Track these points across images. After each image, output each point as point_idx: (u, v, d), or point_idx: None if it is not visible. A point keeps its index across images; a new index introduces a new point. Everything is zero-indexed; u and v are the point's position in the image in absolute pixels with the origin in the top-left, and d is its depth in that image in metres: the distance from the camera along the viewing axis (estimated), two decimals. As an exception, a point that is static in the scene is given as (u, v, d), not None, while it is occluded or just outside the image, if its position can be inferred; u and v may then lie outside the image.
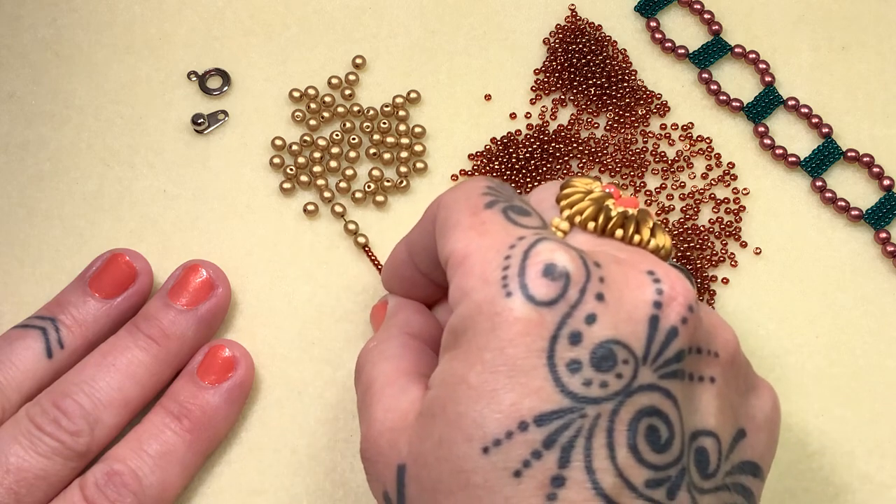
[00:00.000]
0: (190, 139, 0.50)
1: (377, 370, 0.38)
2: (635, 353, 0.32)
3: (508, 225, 0.35)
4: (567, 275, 0.33)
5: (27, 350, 0.43)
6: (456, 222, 0.35)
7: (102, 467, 0.41)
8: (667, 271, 0.34)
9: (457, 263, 0.34)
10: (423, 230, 0.39)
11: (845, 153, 0.50)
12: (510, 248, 0.34)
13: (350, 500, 0.44)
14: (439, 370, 0.34)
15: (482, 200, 0.36)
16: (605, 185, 0.38)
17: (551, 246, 0.33)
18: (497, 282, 0.33)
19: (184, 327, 0.44)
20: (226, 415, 0.44)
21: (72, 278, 0.46)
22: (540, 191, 0.38)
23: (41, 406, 0.41)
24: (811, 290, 0.48)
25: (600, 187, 0.37)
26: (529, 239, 0.34)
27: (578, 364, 0.32)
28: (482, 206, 0.35)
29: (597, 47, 0.51)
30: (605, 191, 0.37)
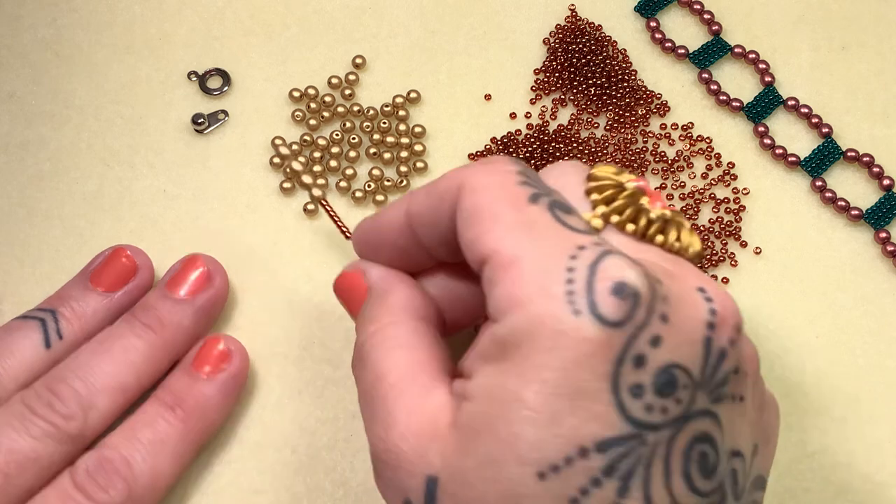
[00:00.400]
0: (190, 139, 0.50)
1: (389, 360, 0.35)
2: (694, 376, 0.31)
3: (561, 228, 0.32)
4: (636, 294, 0.31)
5: (25, 340, 0.43)
6: (493, 214, 0.33)
7: (94, 454, 0.41)
8: (715, 289, 0.33)
9: (503, 265, 0.32)
10: (433, 205, 0.36)
11: (845, 153, 0.50)
12: (572, 258, 0.31)
13: (350, 500, 0.44)
14: (483, 382, 0.32)
15: (523, 192, 0.33)
16: (633, 176, 0.36)
17: (620, 262, 0.31)
18: (561, 297, 0.31)
19: (180, 316, 0.44)
20: (220, 406, 0.44)
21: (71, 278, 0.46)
22: (561, 173, 0.36)
23: (35, 391, 0.41)
24: (811, 290, 0.48)
25: (629, 178, 0.35)
26: (593, 251, 0.32)
27: (641, 389, 0.31)
28: (525, 199, 0.33)
29: (597, 47, 0.51)
30: (636, 185, 0.35)
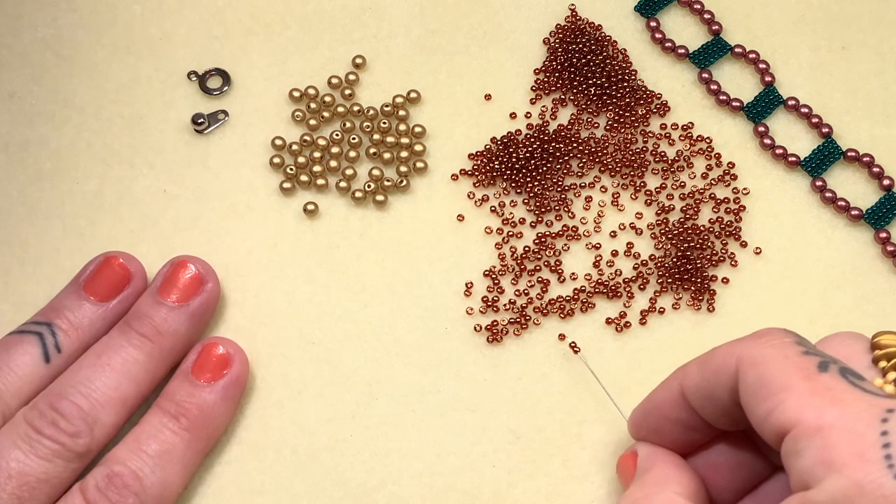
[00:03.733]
0: (190, 139, 0.50)
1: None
2: None
3: (861, 393, 0.33)
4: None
5: (25, 356, 0.43)
6: (784, 385, 0.33)
7: (102, 470, 0.41)
8: None
9: (808, 434, 0.32)
10: (708, 379, 0.37)
11: (845, 153, 0.50)
12: (883, 421, 0.32)
13: (350, 500, 0.44)
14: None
15: (810, 361, 0.34)
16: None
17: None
18: (879, 461, 0.31)
19: (176, 324, 0.44)
20: (223, 412, 0.44)
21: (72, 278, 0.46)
22: (841, 343, 0.37)
23: (38, 409, 0.41)
24: (811, 290, 0.48)
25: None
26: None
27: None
28: (814, 367, 0.34)
29: (597, 47, 0.51)
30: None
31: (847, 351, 0.36)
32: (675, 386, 0.39)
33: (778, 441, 0.34)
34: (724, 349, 0.36)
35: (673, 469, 0.39)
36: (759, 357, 0.35)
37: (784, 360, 0.34)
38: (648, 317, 0.47)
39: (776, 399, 0.33)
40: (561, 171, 0.49)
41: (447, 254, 0.48)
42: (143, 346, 0.43)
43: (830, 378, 0.33)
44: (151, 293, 0.45)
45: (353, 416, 0.46)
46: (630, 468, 0.40)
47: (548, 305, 0.47)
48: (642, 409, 0.41)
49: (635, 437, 0.41)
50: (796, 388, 0.33)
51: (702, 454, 0.40)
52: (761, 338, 0.36)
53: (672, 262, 0.48)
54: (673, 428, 0.39)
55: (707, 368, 0.37)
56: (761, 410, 0.34)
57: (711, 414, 0.38)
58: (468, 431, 0.45)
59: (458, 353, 0.47)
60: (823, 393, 0.33)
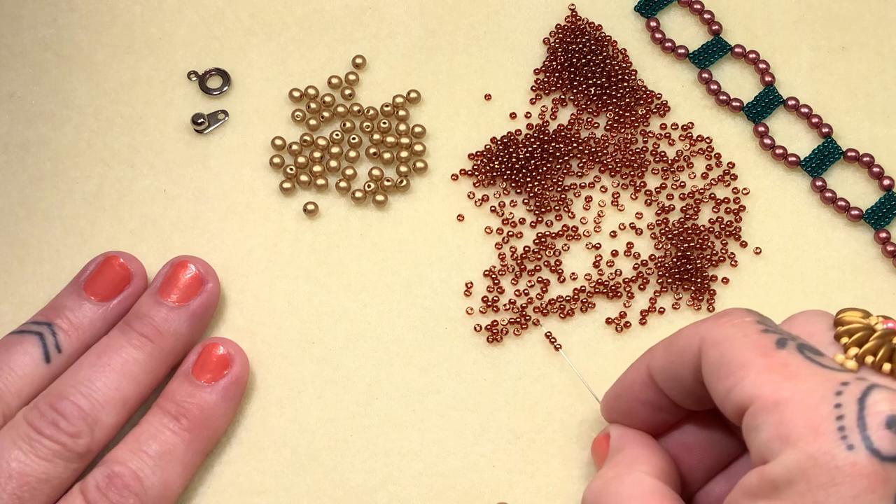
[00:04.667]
0: (190, 139, 0.50)
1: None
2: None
3: (818, 367, 0.33)
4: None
5: (25, 356, 0.43)
6: (743, 363, 0.34)
7: (103, 470, 0.41)
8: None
9: (766, 409, 0.33)
10: (673, 360, 0.37)
11: (845, 153, 0.50)
12: (837, 394, 0.32)
13: (350, 500, 0.44)
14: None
15: (768, 339, 0.35)
16: (881, 318, 0.36)
17: (889, 395, 0.32)
18: (833, 433, 0.31)
19: (176, 324, 0.44)
20: (223, 412, 0.44)
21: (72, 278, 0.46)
22: (805, 321, 0.37)
23: (39, 409, 0.41)
24: (811, 290, 0.48)
25: (878, 320, 0.36)
26: (860, 385, 0.32)
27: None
28: (772, 345, 0.34)
29: (597, 47, 0.51)
30: (885, 326, 0.36)
31: (811, 328, 0.37)
32: (643, 368, 0.39)
33: (739, 418, 0.34)
34: (687, 330, 0.37)
35: (643, 449, 0.39)
36: (720, 337, 0.35)
37: (743, 338, 0.35)
38: (648, 317, 0.47)
39: (736, 377, 0.34)
40: (561, 171, 0.49)
41: (447, 254, 0.48)
42: (144, 347, 0.43)
43: (788, 354, 0.34)
44: (152, 293, 0.45)
45: (353, 416, 0.46)
46: (603, 449, 0.41)
47: (548, 305, 0.47)
48: (613, 391, 0.41)
49: (608, 419, 0.42)
50: (754, 366, 0.34)
51: (673, 434, 0.41)
52: (723, 318, 0.36)
53: (672, 262, 0.48)
54: (642, 409, 0.40)
55: (672, 350, 0.38)
56: (722, 388, 0.34)
57: (678, 394, 0.38)
58: (468, 431, 0.45)
59: (458, 353, 0.47)
60: (780, 369, 0.33)
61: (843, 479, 0.31)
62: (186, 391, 0.43)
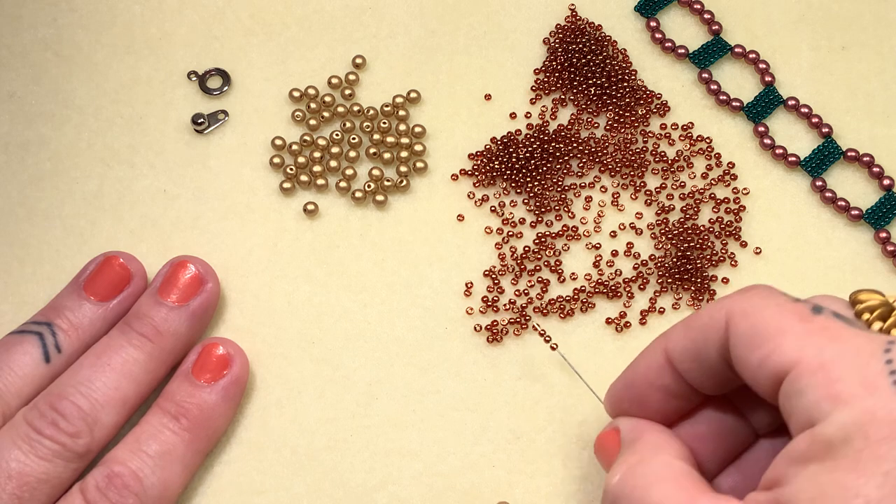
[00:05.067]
0: (190, 139, 0.50)
1: (656, 494, 0.35)
2: None
3: (857, 330, 0.33)
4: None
5: (25, 356, 0.43)
6: (780, 329, 0.34)
7: (102, 470, 0.41)
8: None
9: (811, 371, 0.32)
10: (695, 338, 0.37)
11: (845, 153, 0.50)
12: (886, 351, 0.32)
13: (350, 500, 0.44)
14: (806, 486, 0.32)
15: (803, 306, 0.34)
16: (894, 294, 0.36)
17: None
18: (888, 387, 0.31)
19: (176, 324, 0.44)
20: (223, 412, 0.44)
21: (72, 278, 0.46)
22: (819, 302, 0.36)
23: (39, 409, 0.41)
24: (811, 290, 0.47)
25: (894, 297, 0.36)
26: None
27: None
28: (808, 311, 0.34)
29: (597, 47, 0.51)
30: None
31: (831, 307, 0.36)
32: (658, 351, 0.38)
33: (774, 388, 0.34)
34: (710, 307, 0.36)
35: (662, 436, 0.38)
36: (750, 308, 0.35)
37: (777, 307, 0.34)
38: (648, 317, 0.47)
39: (772, 344, 0.34)
40: (561, 171, 0.49)
41: (447, 254, 0.48)
42: (144, 347, 0.43)
43: (825, 319, 0.34)
44: (151, 293, 0.45)
45: (353, 416, 0.46)
46: (613, 444, 0.39)
47: (548, 305, 0.47)
48: (623, 380, 0.40)
49: (614, 413, 0.40)
50: (793, 330, 0.33)
51: (685, 425, 0.39)
52: (748, 291, 0.36)
53: (672, 262, 0.48)
54: (657, 396, 0.39)
55: (693, 328, 0.37)
56: (755, 358, 0.34)
57: (698, 377, 0.37)
58: (468, 431, 0.46)
59: (458, 353, 0.47)
60: (821, 332, 0.33)
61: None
62: (186, 391, 0.43)
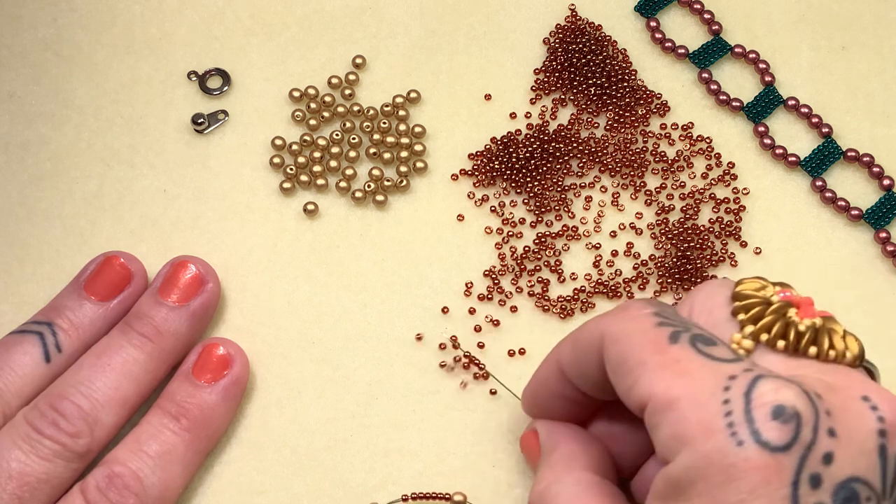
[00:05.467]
0: (190, 139, 0.50)
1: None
2: (875, 488, 0.31)
3: (706, 361, 0.33)
4: (797, 414, 0.31)
5: (25, 356, 0.43)
6: (640, 361, 0.34)
7: (103, 470, 0.41)
8: (880, 394, 0.33)
9: (661, 409, 0.33)
10: (579, 356, 0.37)
11: (845, 153, 0.50)
12: (725, 389, 0.32)
13: (350, 500, 0.44)
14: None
15: (661, 333, 0.34)
16: (778, 288, 0.36)
17: (774, 385, 0.32)
18: (722, 430, 0.31)
19: (177, 324, 0.44)
20: (223, 412, 0.44)
21: (72, 278, 0.46)
22: (708, 295, 0.37)
23: (39, 409, 0.41)
24: (811, 290, 0.47)
25: (774, 291, 0.36)
26: (745, 378, 0.32)
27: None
28: (665, 339, 0.34)
29: (597, 47, 0.51)
30: (779, 296, 0.35)
31: (711, 302, 0.36)
32: (553, 363, 0.39)
33: (642, 415, 0.34)
34: (590, 325, 0.37)
35: (575, 444, 0.39)
36: (619, 333, 0.35)
37: (640, 334, 0.34)
38: (648, 317, 0.47)
39: (634, 375, 0.34)
40: (561, 171, 0.49)
41: (447, 254, 0.48)
42: (144, 347, 0.43)
43: (680, 349, 0.34)
44: (152, 293, 0.45)
45: (353, 416, 0.46)
46: (534, 446, 0.41)
47: (548, 305, 0.47)
48: (530, 388, 0.41)
49: (530, 415, 0.42)
50: (650, 363, 0.34)
51: (596, 424, 0.40)
52: (621, 312, 0.36)
53: (672, 262, 0.48)
54: (560, 403, 0.40)
55: (577, 346, 0.38)
56: (623, 386, 0.34)
57: (590, 388, 0.38)
58: (468, 431, 0.45)
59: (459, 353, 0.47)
60: (672, 365, 0.33)
61: (739, 476, 0.31)
62: (186, 391, 0.43)
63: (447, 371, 0.46)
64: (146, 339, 0.43)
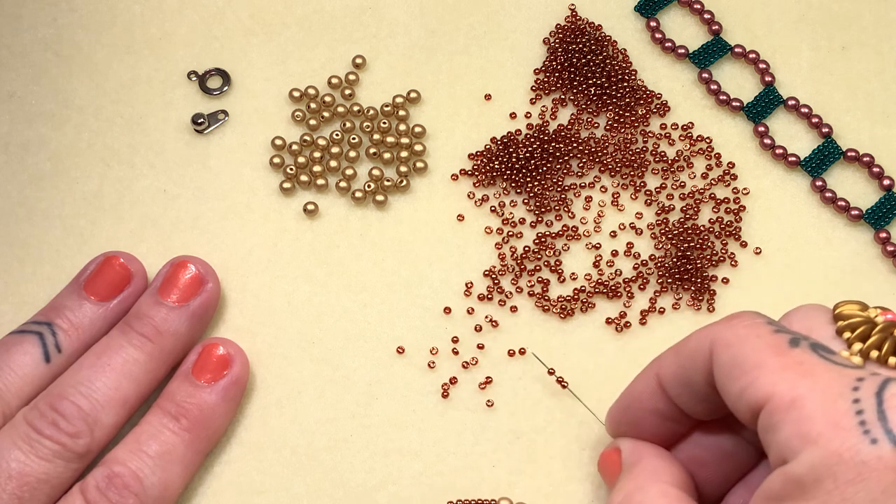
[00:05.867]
0: (190, 139, 0.50)
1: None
2: None
3: (831, 365, 0.33)
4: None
5: (25, 356, 0.43)
6: (757, 363, 0.34)
7: (102, 470, 0.41)
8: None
9: (783, 408, 0.33)
10: (683, 365, 0.37)
11: (845, 153, 0.50)
12: (854, 390, 0.32)
13: (350, 500, 0.44)
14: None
15: (780, 339, 0.34)
16: (879, 309, 0.36)
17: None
18: (854, 428, 0.31)
19: (176, 324, 0.44)
20: (223, 412, 0.44)
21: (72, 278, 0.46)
22: (804, 316, 0.37)
23: (39, 409, 0.41)
24: (811, 290, 0.48)
25: (877, 312, 0.36)
26: (875, 380, 0.32)
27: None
28: (785, 344, 0.34)
29: (597, 47, 0.51)
30: (886, 317, 0.36)
31: (810, 323, 0.36)
32: (651, 376, 0.39)
33: (753, 419, 0.34)
34: (697, 334, 0.37)
35: (661, 461, 0.39)
36: (732, 338, 0.35)
37: (756, 339, 0.35)
38: (648, 317, 0.47)
39: (750, 377, 0.34)
40: (561, 171, 0.49)
41: (447, 254, 0.48)
42: (144, 347, 0.43)
43: (801, 353, 0.34)
44: (152, 293, 0.45)
45: (353, 416, 0.46)
46: (615, 464, 0.40)
47: (548, 304, 0.47)
48: (620, 404, 0.41)
49: (614, 434, 0.41)
50: (769, 364, 0.34)
51: (683, 447, 0.40)
52: (733, 320, 0.36)
53: (672, 262, 0.48)
54: (652, 420, 0.39)
55: (682, 355, 0.37)
56: (735, 389, 0.34)
57: (688, 402, 0.38)
58: (468, 431, 0.45)
59: (458, 353, 0.47)
60: (795, 367, 0.33)
61: (871, 474, 0.31)
62: (186, 391, 0.43)
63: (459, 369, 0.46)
64: (146, 340, 0.43)
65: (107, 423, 0.42)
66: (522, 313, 0.47)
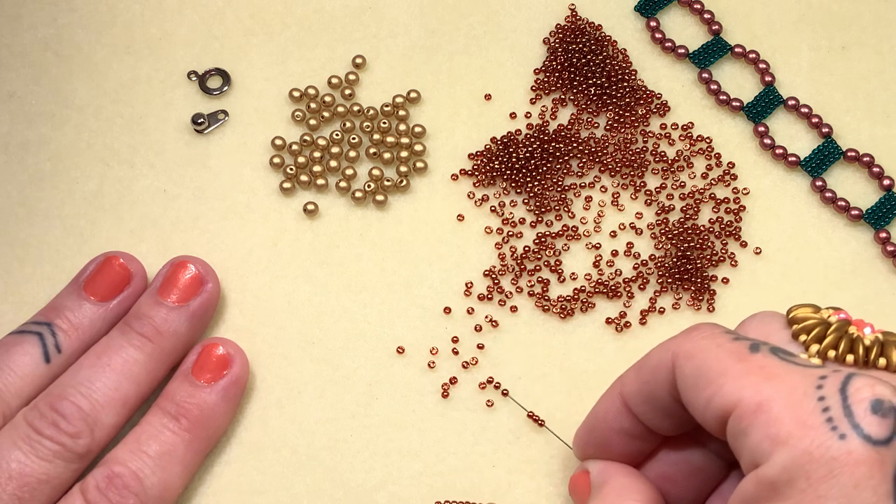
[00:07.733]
0: (190, 139, 0.50)
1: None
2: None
3: (793, 366, 0.33)
4: (895, 408, 0.32)
5: (25, 356, 0.43)
6: (721, 371, 0.34)
7: (103, 470, 0.41)
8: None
9: (750, 412, 0.33)
10: (646, 380, 0.37)
11: (845, 153, 0.50)
12: (818, 388, 0.32)
13: (350, 500, 0.44)
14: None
15: (740, 345, 0.34)
16: (831, 310, 0.36)
17: (867, 381, 0.32)
18: (821, 425, 0.31)
19: (176, 324, 0.44)
20: (223, 412, 0.44)
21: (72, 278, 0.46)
22: (760, 323, 0.37)
23: (39, 410, 0.41)
24: (811, 290, 0.48)
25: (830, 313, 0.36)
26: (838, 376, 0.33)
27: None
28: (745, 350, 0.34)
29: (597, 47, 0.51)
30: (839, 317, 0.36)
31: (766, 329, 0.37)
32: (615, 396, 0.39)
33: (721, 427, 0.34)
34: (657, 349, 0.37)
35: (631, 479, 0.39)
36: (693, 349, 0.35)
37: (717, 348, 0.35)
38: (648, 317, 0.47)
39: (715, 385, 0.34)
40: (561, 171, 0.49)
41: (447, 254, 0.48)
42: (144, 347, 0.43)
43: (763, 357, 0.34)
44: (151, 293, 0.45)
45: (353, 416, 0.46)
46: (584, 486, 0.40)
47: (548, 304, 0.47)
48: (586, 425, 0.41)
49: (582, 456, 0.41)
50: (732, 371, 0.34)
51: (652, 465, 0.40)
52: (692, 332, 0.36)
53: (672, 262, 0.48)
54: (619, 440, 0.39)
55: (644, 371, 0.37)
56: (702, 399, 0.34)
57: (653, 418, 0.38)
58: (468, 431, 0.46)
59: (458, 353, 0.47)
60: (758, 371, 0.33)
61: (842, 469, 0.31)
62: (186, 391, 0.43)
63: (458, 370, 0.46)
64: (146, 340, 0.43)
65: (107, 424, 0.42)
66: (522, 313, 0.47)
